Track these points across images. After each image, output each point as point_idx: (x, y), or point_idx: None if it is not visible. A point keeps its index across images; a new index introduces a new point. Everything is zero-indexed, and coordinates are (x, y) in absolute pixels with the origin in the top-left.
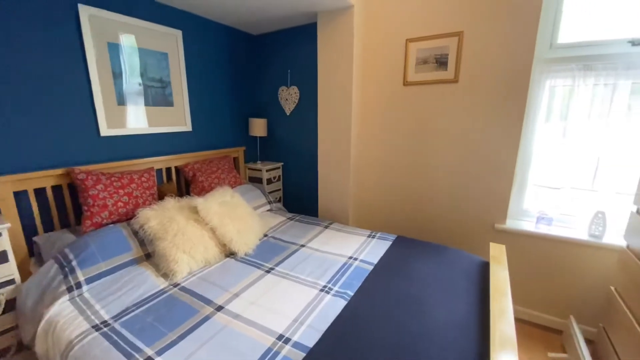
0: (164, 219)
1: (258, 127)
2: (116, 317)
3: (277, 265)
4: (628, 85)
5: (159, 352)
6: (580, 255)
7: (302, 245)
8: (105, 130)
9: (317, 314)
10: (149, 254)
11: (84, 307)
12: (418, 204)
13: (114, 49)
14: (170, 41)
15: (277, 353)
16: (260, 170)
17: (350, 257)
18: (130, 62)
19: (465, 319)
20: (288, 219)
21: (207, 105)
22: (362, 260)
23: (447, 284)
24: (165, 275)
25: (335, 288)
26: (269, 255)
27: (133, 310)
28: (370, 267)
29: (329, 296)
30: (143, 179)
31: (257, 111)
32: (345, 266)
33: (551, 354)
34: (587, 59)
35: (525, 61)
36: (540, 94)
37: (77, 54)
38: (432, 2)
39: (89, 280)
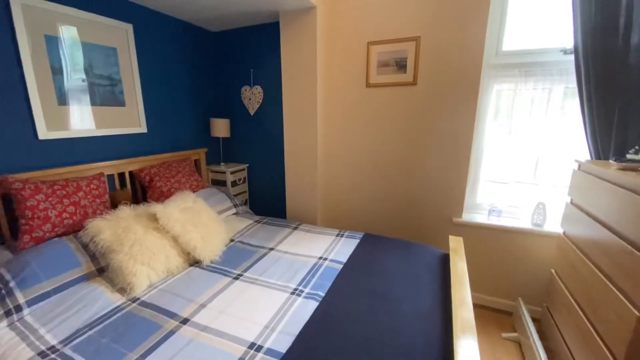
0: (119, 229)
1: (220, 127)
2: (65, 342)
3: (245, 270)
4: (561, 89)
5: None
6: (525, 242)
7: (271, 249)
8: (44, 133)
9: (288, 318)
10: (101, 269)
11: (26, 332)
12: (383, 202)
13: (52, 42)
14: (120, 35)
15: (252, 359)
16: (224, 172)
17: (320, 258)
18: (73, 58)
19: (430, 310)
20: (255, 222)
21: (164, 104)
22: (331, 260)
23: (412, 278)
24: (122, 290)
25: (307, 290)
26: (236, 261)
27: (85, 332)
28: (340, 267)
29: (300, 299)
30: (92, 186)
31: (219, 111)
32: (316, 267)
33: (504, 334)
34: (527, 66)
35: (475, 66)
36: (489, 96)
37: (8, 48)
38: (391, 7)
39: (30, 302)
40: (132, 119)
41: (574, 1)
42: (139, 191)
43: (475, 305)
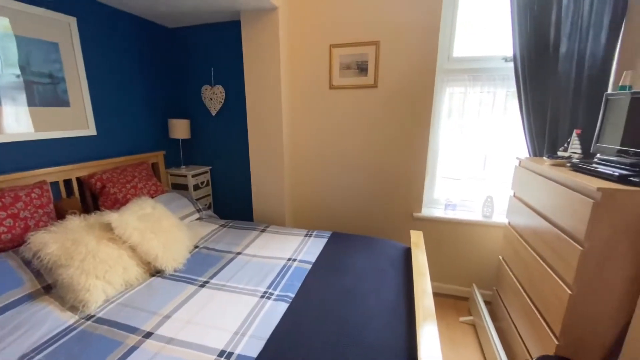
0: (67, 241)
1: (180, 128)
2: None
3: (211, 277)
4: (504, 93)
5: None
6: (477, 233)
7: (238, 253)
8: None
9: (259, 322)
10: (48, 286)
11: None
12: (349, 200)
13: None
14: (62, 29)
15: None
16: (186, 175)
17: (289, 259)
18: (4, 53)
19: (394, 302)
20: (221, 226)
21: (116, 105)
22: (300, 261)
23: (378, 273)
24: (73, 308)
25: (276, 292)
26: (202, 267)
27: (32, 357)
28: (309, 267)
29: (270, 302)
30: (33, 195)
31: (178, 111)
32: (285, 268)
33: (461, 319)
34: (474, 71)
35: (430, 70)
36: (442, 98)
37: None
38: (352, 11)
39: None
40: (79, 121)
41: (512, 14)
42: (89, 199)
43: (435, 294)
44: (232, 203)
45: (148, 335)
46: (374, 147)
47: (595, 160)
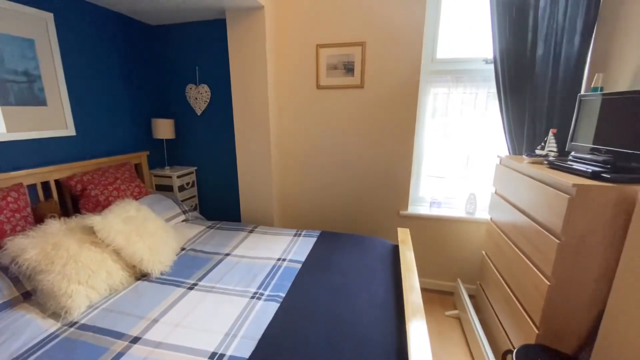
0: (47, 246)
1: (163, 128)
2: None
3: (200, 279)
4: (485, 93)
5: None
6: (461, 229)
7: (227, 254)
8: None
9: (250, 322)
10: (27, 293)
11: None
12: (337, 199)
13: None
14: (38, 26)
15: None
16: (170, 176)
17: (279, 259)
18: None
19: (383, 298)
20: (208, 227)
21: (96, 104)
22: (290, 260)
23: (367, 271)
24: (55, 315)
25: (267, 292)
26: (189, 270)
27: None
28: (299, 266)
29: (260, 302)
30: (9, 199)
31: (161, 111)
32: (275, 268)
33: (447, 312)
34: (457, 73)
35: (414, 71)
36: (427, 98)
37: None
38: (338, 11)
39: None
40: (56, 120)
41: (492, 18)
42: (69, 202)
43: (421, 289)
44: (219, 204)
45: (135, 340)
46: (360, 146)
47: (570, 157)
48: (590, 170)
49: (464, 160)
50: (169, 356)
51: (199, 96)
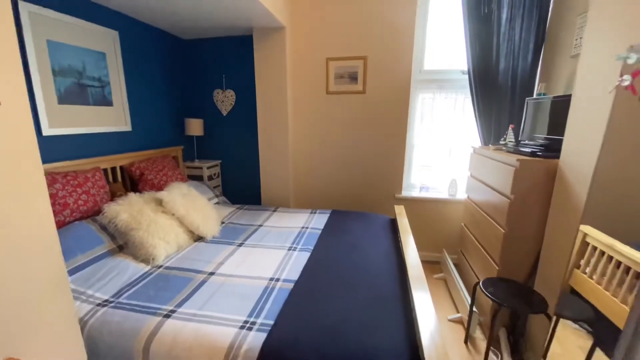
0: (134, 211)
1: (194, 126)
2: (116, 295)
3: (245, 240)
4: (462, 98)
5: (177, 306)
6: (445, 208)
7: (260, 225)
8: (47, 130)
9: (292, 262)
10: (121, 246)
11: (75, 294)
12: (343, 184)
13: (53, 46)
14: (108, 41)
15: (273, 288)
16: (201, 168)
17: (303, 227)
18: (70, 61)
19: (387, 251)
20: (237, 208)
21: (144, 105)
22: (312, 228)
23: (372, 234)
24: (145, 261)
25: (299, 247)
26: (234, 235)
27: (130, 289)
28: (319, 232)
29: (296, 252)
30: (96, 177)
31: (193, 112)
32: (301, 233)
33: (435, 275)
34: (440, 82)
35: (406, 80)
36: (416, 102)
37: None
38: (344, 31)
39: (70, 273)
40: (119, 118)
41: (465, 39)
42: (128, 184)
43: None
44: (240, 191)
45: (211, 274)
46: (362, 141)
47: (520, 144)
48: (529, 151)
49: (447, 152)
50: (241, 280)
51: (225, 99)
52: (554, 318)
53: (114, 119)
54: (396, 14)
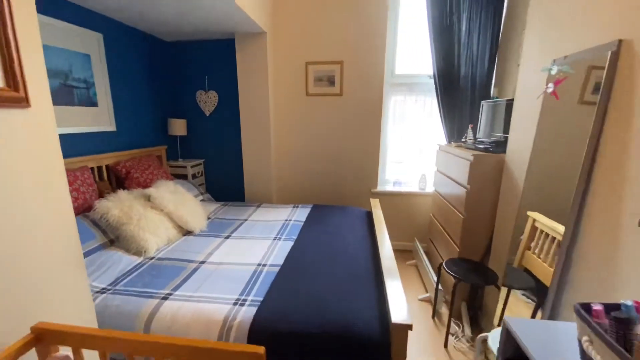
0: (124, 207)
1: (178, 127)
2: (114, 284)
3: (232, 233)
4: (430, 100)
5: (173, 290)
6: (416, 201)
7: (245, 220)
8: None
9: (277, 250)
10: (112, 240)
11: None
12: (323, 180)
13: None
14: (93, 43)
15: (261, 272)
16: (185, 166)
17: (286, 220)
18: (56, 63)
19: (363, 237)
20: (222, 205)
21: (129, 105)
22: (295, 220)
23: (350, 224)
24: (137, 253)
25: (283, 237)
26: (221, 228)
27: (125, 278)
28: (302, 223)
29: (281, 241)
30: (85, 176)
31: (176, 112)
32: (284, 225)
33: (408, 262)
34: (410, 85)
35: (380, 83)
36: (389, 104)
37: None
38: (322, 38)
39: None
40: (104, 119)
41: (431, 47)
42: (114, 182)
43: None
44: (223, 189)
45: (202, 262)
46: (340, 140)
47: (477, 141)
48: (482, 147)
49: (417, 150)
50: (230, 267)
51: (208, 100)
52: (507, 290)
53: (99, 119)
54: (369, 22)
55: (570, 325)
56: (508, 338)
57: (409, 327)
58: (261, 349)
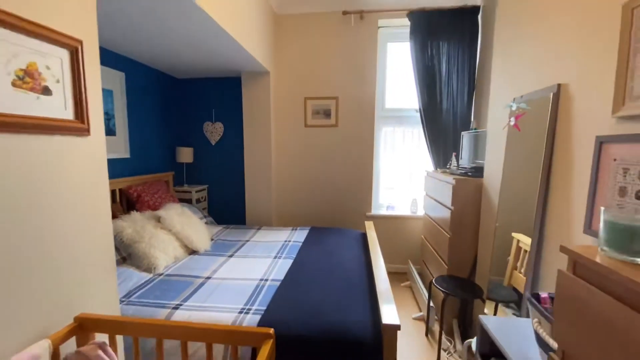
0: (137, 227)
1: (185, 154)
2: (127, 296)
3: (235, 252)
4: (417, 132)
5: (183, 301)
6: (408, 224)
7: (247, 240)
8: None
9: (278, 267)
10: (124, 257)
11: None
12: (320, 205)
13: None
14: (115, 81)
15: (263, 285)
16: (190, 192)
17: (286, 241)
18: None
19: (358, 255)
20: (224, 227)
21: (142, 135)
22: (294, 241)
23: (346, 244)
24: (147, 270)
25: (283, 255)
26: (224, 249)
27: (138, 291)
28: (300, 244)
29: (281, 259)
30: None
31: (184, 141)
32: (284, 245)
33: (402, 284)
34: (399, 118)
35: (371, 116)
36: (380, 134)
37: None
38: (320, 76)
39: None
40: (121, 147)
41: (416, 85)
42: (125, 205)
43: None
44: (225, 213)
45: (208, 278)
46: (336, 167)
47: (459, 167)
48: (463, 172)
49: (407, 176)
50: (235, 282)
51: (214, 130)
52: (495, 305)
53: (116, 147)
54: (361, 63)
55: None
56: (483, 334)
57: (398, 327)
58: (271, 330)
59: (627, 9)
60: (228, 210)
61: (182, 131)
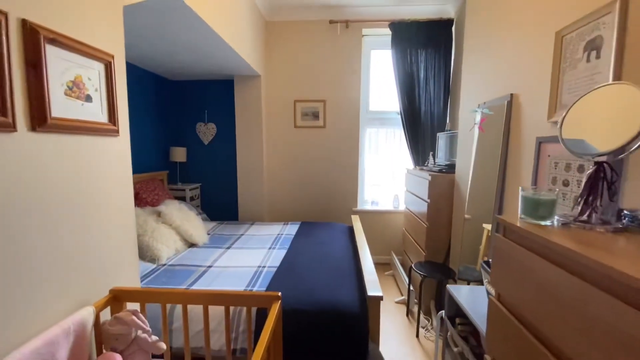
0: (140, 221)
1: (178, 154)
2: None
3: (232, 244)
4: (398, 133)
5: (189, 286)
6: (391, 218)
7: (242, 234)
8: None
9: (273, 256)
10: None
11: None
12: (309, 201)
13: None
14: None
15: (261, 271)
16: (184, 189)
17: (279, 234)
18: None
19: (346, 245)
20: (218, 223)
21: (136, 135)
22: (286, 234)
23: (334, 236)
24: (151, 260)
25: (277, 246)
26: (221, 242)
27: (144, 279)
28: (292, 236)
29: (275, 250)
30: None
31: (178, 141)
32: (277, 238)
33: (386, 273)
34: (382, 120)
35: (356, 118)
36: (365, 135)
37: None
38: (309, 80)
39: None
40: None
41: (397, 90)
42: None
43: None
44: (217, 210)
45: (209, 267)
46: (324, 166)
47: (435, 165)
48: (438, 169)
49: (390, 173)
50: (235, 269)
51: (207, 131)
52: (467, 284)
53: None
54: (347, 68)
55: None
56: (450, 300)
57: (381, 297)
58: (279, 293)
59: (558, 35)
60: (221, 207)
61: (176, 131)
